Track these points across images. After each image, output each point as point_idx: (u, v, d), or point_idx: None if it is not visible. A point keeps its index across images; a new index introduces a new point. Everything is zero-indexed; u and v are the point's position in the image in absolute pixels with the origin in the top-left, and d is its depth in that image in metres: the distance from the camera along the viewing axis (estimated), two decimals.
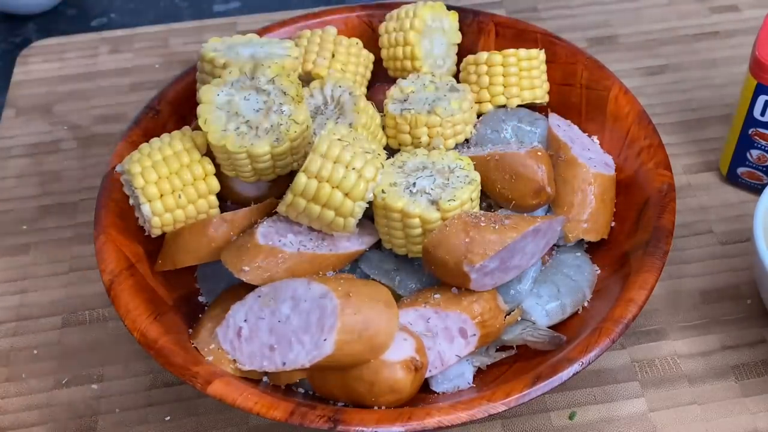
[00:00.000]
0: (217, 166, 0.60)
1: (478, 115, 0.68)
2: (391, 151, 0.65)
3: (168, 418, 0.60)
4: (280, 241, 0.57)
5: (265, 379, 0.56)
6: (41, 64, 0.89)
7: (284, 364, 0.52)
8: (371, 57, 0.72)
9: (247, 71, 0.59)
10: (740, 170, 0.71)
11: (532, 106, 0.70)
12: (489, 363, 0.58)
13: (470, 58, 0.70)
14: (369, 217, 0.60)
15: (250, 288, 0.56)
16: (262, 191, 0.63)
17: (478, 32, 0.73)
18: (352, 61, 0.70)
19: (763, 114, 0.66)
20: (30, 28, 0.95)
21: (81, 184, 0.77)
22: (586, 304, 0.60)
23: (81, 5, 0.98)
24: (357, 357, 0.52)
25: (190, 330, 0.57)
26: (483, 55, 0.69)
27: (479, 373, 0.57)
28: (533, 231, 0.55)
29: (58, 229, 0.73)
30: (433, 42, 0.71)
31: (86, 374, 0.63)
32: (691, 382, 0.61)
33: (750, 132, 0.68)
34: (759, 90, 0.65)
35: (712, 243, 0.69)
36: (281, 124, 0.57)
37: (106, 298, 0.59)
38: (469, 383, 0.56)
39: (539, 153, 0.62)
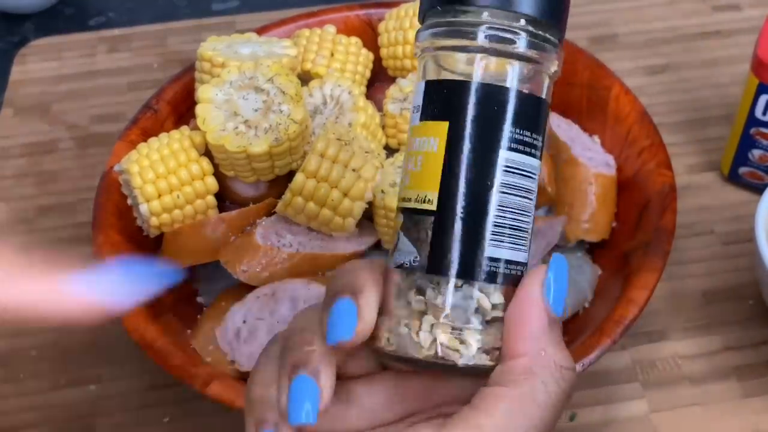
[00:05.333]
0: (215, 166, 0.60)
1: None
2: (390, 151, 0.64)
3: (167, 419, 0.60)
4: (279, 241, 0.57)
5: None
6: (39, 63, 0.88)
7: None
8: (371, 56, 0.72)
9: (246, 70, 0.59)
10: (742, 170, 0.71)
11: None
12: None
13: None
14: (369, 217, 0.59)
15: (248, 288, 0.55)
16: (260, 191, 0.63)
17: None
18: (351, 60, 0.69)
19: (764, 113, 0.65)
20: (28, 27, 0.95)
21: (79, 184, 0.76)
22: (587, 304, 0.59)
23: (79, 4, 0.98)
24: None
25: (189, 331, 0.57)
26: None
27: None
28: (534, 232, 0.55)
29: (56, 230, 0.73)
30: None
31: (84, 375, 0.63)
32: (693, 383, 0.60)
33: (752, 132, 0.67)
34: (761, 89, 0.64)
35: (713, 243, 0.68)
36: (280, 124, 0.57)
37: None
38: None
39: None
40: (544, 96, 0.35)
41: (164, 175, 0.58)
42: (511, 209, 0.33)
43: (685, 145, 0.76)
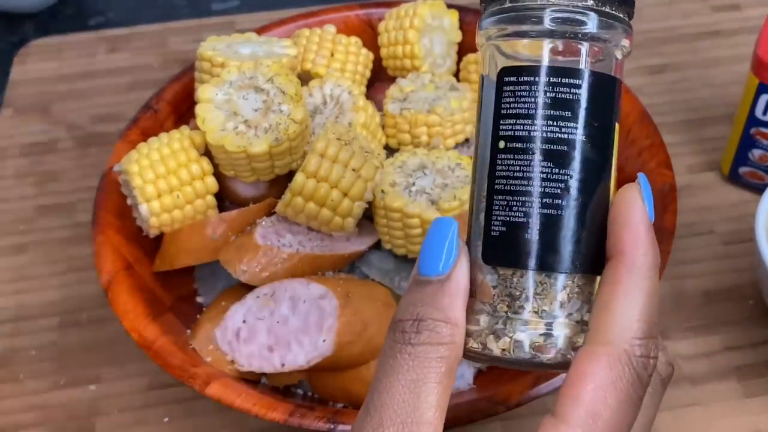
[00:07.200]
0: (215, 166, 0.60)
1: None
2: (390, 151, 0.64)
3: (166, 419, 0.60)
4: (278, 241, 0.57)
5: (263, 380, 0.55)
6: (39, 63, 0.88)
7: (283, 365, 0.52)
8: (371, 56, 0.72)
9: (246, 70, 0.59)
10: (742, 170, 0.71)
11: None
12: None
13: (470, 56, 0.70)
14: (369, 217, 0.59)
15: (248, 288, 0.55)
16: (260, 191, 0.63)
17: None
18: (351, 60, 0.70)
19: (765, 113, 0.65)
20: (27, 27, 0.95)
21: (79, 184, 0.76)
22: None
23: (79, 4, 0.98)
24: (356, 358, 0.52)
25: (189, 331, 0.57)
26: None
27: (479, 374, 0.57)
28: None
29: (55, 230, 0.73)
30: (433, 41, 0.70)
31: (84, 375, 0.63)
32: (693, 383, 0.60)
33: (752, 131, 0.67)
34: (761, 89, 0.64)
35: (714, 243, 0.68)
36: (280, 124, 0.57)
37: (104, 299, 0.58)
38: (469, 384, 0.56)
39: None
40: (614, 74, 0.33)
41: (164, 175, 0.58)
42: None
43: (685, 145, 0.76)
